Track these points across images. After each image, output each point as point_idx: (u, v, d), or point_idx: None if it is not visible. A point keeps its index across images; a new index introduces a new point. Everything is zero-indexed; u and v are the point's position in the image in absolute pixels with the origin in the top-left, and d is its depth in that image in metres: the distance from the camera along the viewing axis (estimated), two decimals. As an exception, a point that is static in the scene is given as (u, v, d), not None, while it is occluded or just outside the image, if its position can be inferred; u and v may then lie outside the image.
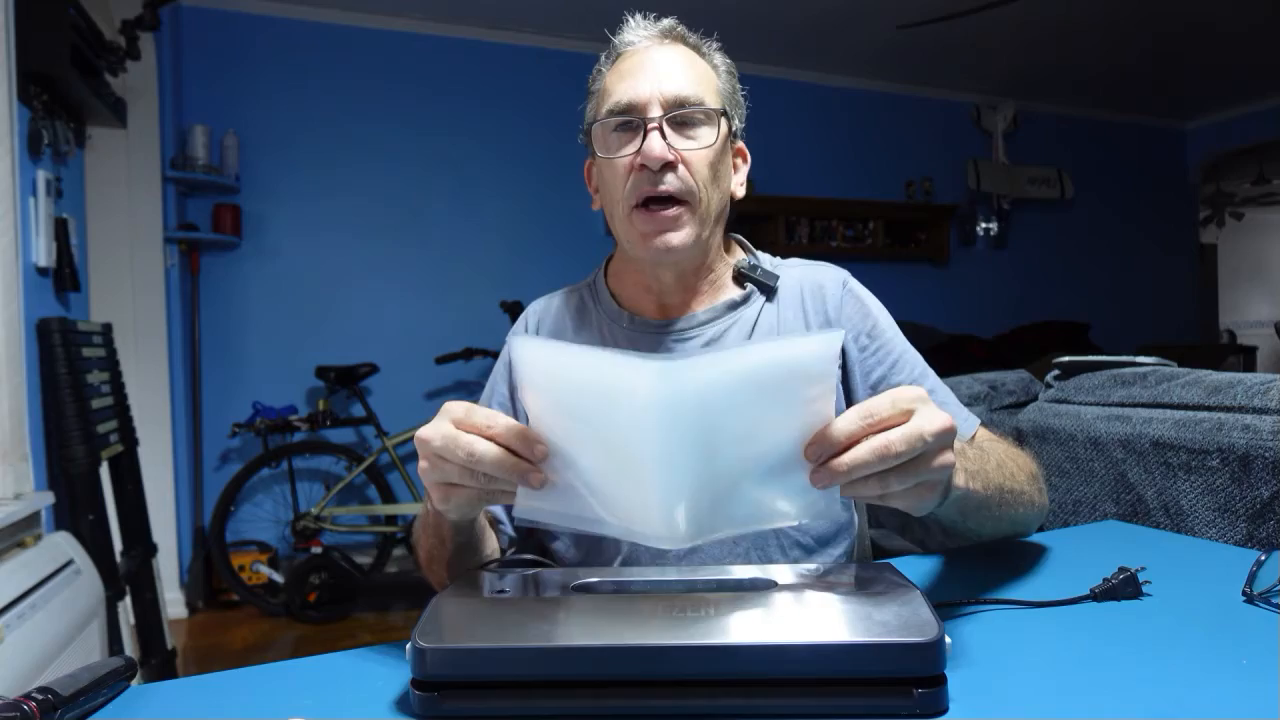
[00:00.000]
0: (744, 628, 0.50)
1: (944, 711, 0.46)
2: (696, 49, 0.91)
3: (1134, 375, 1.49)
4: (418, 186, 3.84)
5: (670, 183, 0.83)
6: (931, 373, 0.93)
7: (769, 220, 4.55)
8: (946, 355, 4.20)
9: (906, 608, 0.51)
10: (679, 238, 0.84)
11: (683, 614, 0.53)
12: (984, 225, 5.16)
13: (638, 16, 0.91)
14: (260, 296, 3.60)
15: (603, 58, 0.92)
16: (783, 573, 0.62)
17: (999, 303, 5.19)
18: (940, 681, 0.47)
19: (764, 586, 0.59)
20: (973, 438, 0.92)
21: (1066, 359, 1.69)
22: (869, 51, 4.42)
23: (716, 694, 0.49)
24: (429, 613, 0.56)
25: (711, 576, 0.63)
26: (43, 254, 2.18)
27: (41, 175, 2.18)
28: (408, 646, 0.52)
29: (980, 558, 0.85)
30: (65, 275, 2.34)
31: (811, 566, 0.65)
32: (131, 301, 3.05)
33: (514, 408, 0.97)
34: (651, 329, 0.92)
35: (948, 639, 0.48)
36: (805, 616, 0.53)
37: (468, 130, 3.93)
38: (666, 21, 0.90)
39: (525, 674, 0.50)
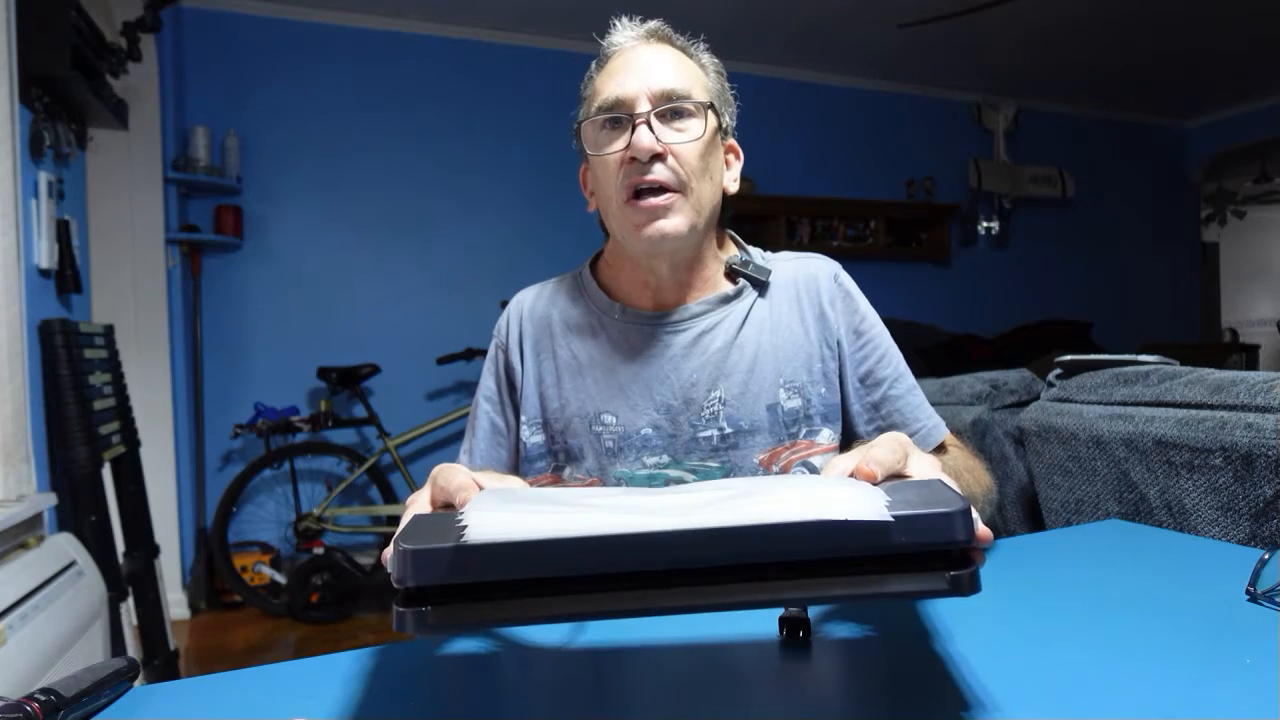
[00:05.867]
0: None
1: (977, 590, 0.43)
2: (683, 49, 0.92)
3: (1136, 374, 1.49)
4: (418, 187, 3.85)
5: (659, 173, 0.84)
6: (908, 370, 0.97)
7: (770, 220, 4.55)
8: (948, 354, 4.20)
9: (927, 489, 0.49)
10: (671, 224, 0.85)
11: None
12: (985, 224, 5.16)
13: (624, 19, 0.92)
14: (262, 298, 3.60)
15: (593, 64, 0.93)
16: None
17: (1001, 302, 5.19)
18: (970, 561, 0.44)
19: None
20: (941, 445, 0.94)
21: (1068, 358, 1.69)
22: (869, 51, 4.42)
23: (736, 582, 0.44)
24: (410, 524, 0.49)
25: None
26: (44, 256, 2.18)
27: (43, 177, 2.18)
28: (386, 553, 0.46)
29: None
30: (67, 277, 2.35)
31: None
32: (133, 303, 3.05)
33: (501, 400, 0.98)
34: (644, 320, 0.93)
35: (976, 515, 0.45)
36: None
37: (468, 130, 3.93)
38: (652, 23, 0.91)
39: (524, 571, 0.43)
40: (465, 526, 0.42)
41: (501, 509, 0.46)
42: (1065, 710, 0.50)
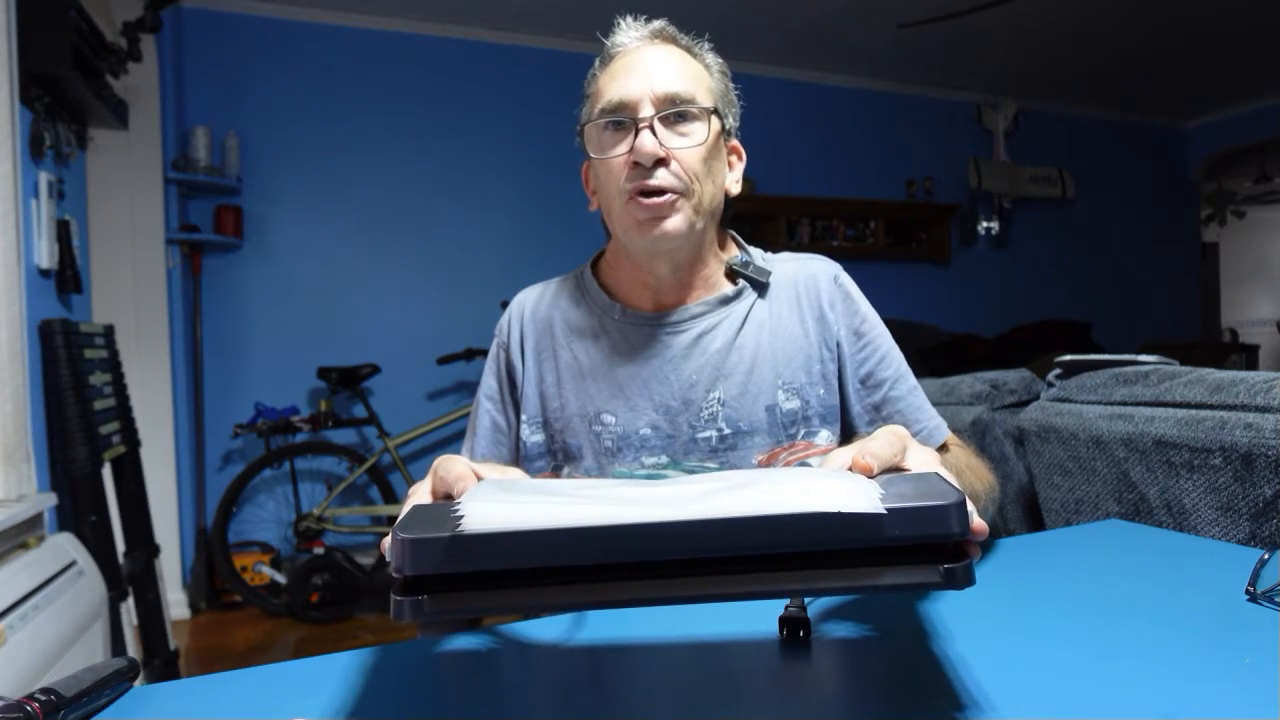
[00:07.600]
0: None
1: (971, 583, 0.43)
2: (688, 50, 0.91)
3: (1136, 374, 1.49)
4: (418, 187, 3.85)
5: (662, 177, 0.84)
6: (909, 370, 0.96)
7: (770, 219, 4.55)
8: (948, 355, 4.20)
9: (922, 482, 0.49)
10: (673, 223, 0.85)
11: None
12: (985, 224, 5.16)
13: (629, 18, 0.92)
14: (262, 298, 3.60)
15: (597, 62, 0.93)
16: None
17: (1000, 302, 5.19)
18: (965, 554, 0.44)
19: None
20: (944, 445, 0.94)
21: (1068, 358, 1.69)
22: (869, 51, 4.42)
23: (731, 574, 0.44)
24: (409, 513, 0.49)
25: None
26: (45, 256, 2.18)
27: (43, 177, 2.18)
28: (385, 543, 0.46)
29: (980, 558, 0.85)
30: (67, 277, 2.35)
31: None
32: (133, 303, 3.05)
33: (502, 398, 0.98)
34: (644, 320, 0.93)
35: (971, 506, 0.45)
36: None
37: (468, 130, 3.93)
38: (657, 23, 0.91)
39: (520, 561, 0.43)
40: (462, 516, 0.42)
41: (498, 499, 0.46)
42: (1065, 710, 0.50)
